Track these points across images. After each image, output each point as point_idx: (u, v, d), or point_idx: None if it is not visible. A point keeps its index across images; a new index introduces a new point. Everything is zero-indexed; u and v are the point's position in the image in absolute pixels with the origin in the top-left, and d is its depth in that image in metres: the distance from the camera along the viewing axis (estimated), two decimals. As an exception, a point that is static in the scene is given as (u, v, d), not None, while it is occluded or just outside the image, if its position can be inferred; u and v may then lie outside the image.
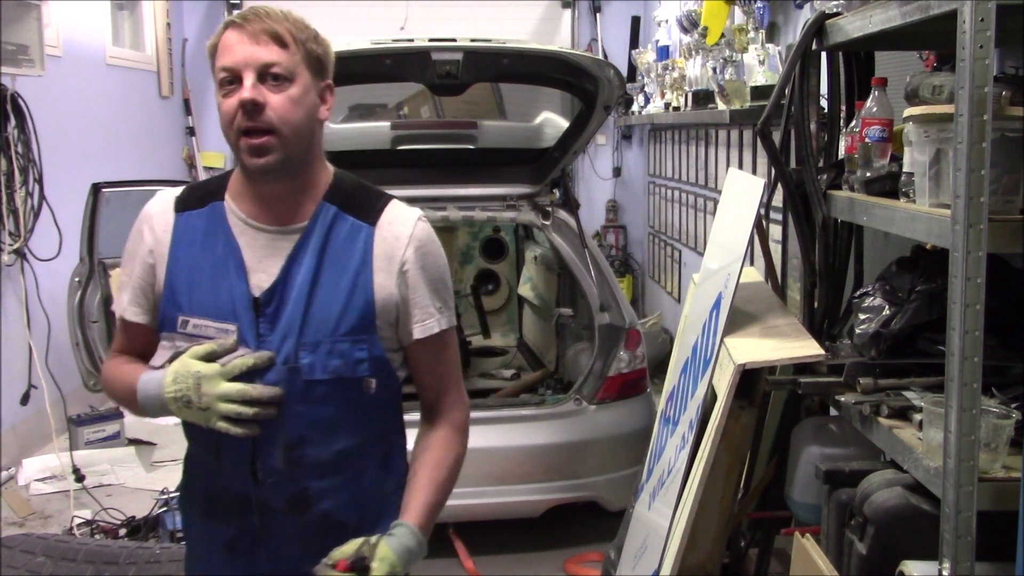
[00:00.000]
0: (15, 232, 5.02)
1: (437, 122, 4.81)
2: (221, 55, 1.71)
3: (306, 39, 1.73)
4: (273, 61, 1.68)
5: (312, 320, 1.74)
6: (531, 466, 4.05)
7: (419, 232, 1.79)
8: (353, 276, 1.76)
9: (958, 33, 1.72)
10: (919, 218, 1.98)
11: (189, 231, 1.79)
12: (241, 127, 1.68)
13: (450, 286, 1.87)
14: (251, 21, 1.70)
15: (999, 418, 1.84)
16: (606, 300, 4.26)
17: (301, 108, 1.71)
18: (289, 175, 1.74)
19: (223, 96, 1.70)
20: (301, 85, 1.71)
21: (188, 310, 1.76)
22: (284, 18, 1.73)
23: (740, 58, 4.48)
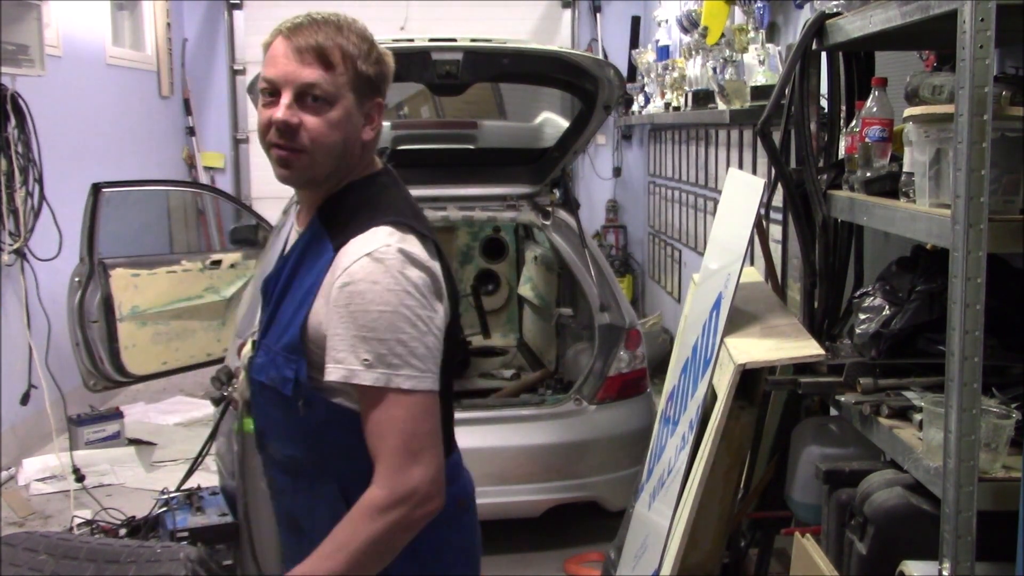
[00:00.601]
0: (15, 232, 5.02)
1: (437, 122, 4.81)
2: (266, 63, 1.69)
3: (357, 57, 1.68)
4: (313, 83, 1.64)
5: (275, 324, 1.74)
6: (531, 466, 4.05)
7: (356, 268, 1.60)
8: (304, 294, 1.69)
9: (958, 33, 1.72)
10: (919, 218, 1.98)
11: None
12: (272, 142, 1.68)
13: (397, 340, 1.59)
14: (301, 32, 1.66)
15: (999, 418, 1.84)
16: (606, 300, 4.26)
17: (338, 131, 1.67)
18: (312, 187, 1.75)
19: (262, 105, 1.69)
20: (342, 108, 1.67)
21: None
22: (338, 30, 1.67)
23: (740, 58, 4.48)
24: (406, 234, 1.65)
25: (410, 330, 1.59)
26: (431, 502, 1.62)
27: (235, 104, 8.29)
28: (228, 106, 8.33)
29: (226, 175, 8.33)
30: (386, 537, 1.60)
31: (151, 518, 4.05)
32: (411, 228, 1.67)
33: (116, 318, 5.01)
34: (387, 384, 1.59)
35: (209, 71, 8.27)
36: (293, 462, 1.79)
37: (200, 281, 5.43)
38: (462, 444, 2.06)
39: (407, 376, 1.59)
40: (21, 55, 5.03)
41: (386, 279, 1.59)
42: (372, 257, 1.60)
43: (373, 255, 1.60)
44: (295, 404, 1.68)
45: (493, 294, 6.27)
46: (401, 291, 1.59)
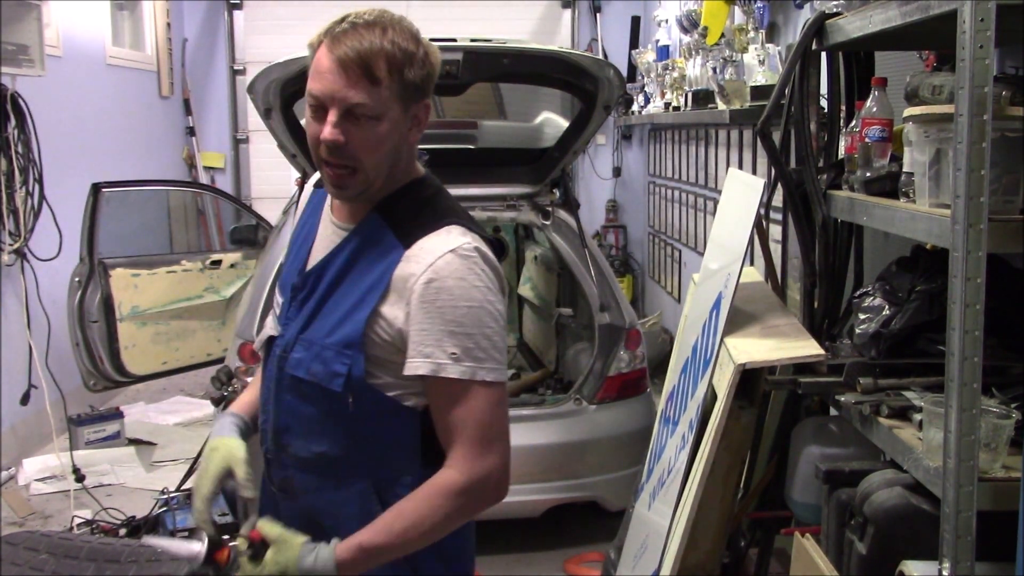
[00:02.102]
0: (15, 232, 5.02)
1: (437, 122, 4.81)
2: (313, 75, 1.65)
3: (403, 66, 1.64)
4: (360, 103, 1.61)
5: (320, 319, 1.73)
6: (531, 466, 4.04)
7: (441, 264, 1.64)
8: (364, 291, 1.69)
9: (958, 33, 1.72)
10: (919, 218, 1.98)
11: (310, 206, 1.90)
12: (323, 159, 1.68)
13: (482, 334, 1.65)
14: (346, 41, 1.61)
15: (999, 418, 1.84)
16: (606, 300, 4.26)
17: (387, 143, 1.67)
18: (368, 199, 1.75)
19: (311, 117, 1.67)
20: (389, 121, 1.65)
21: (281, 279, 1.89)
22: (383, 34, 1.63)
23: (740, 58, 4.48)
24: (475, 234, 1.71)
25: (493, 324, 1.66)
26: (500, 490, 1.73)
27: (235, 104, 8.29)
28: (228, 106, 8.33)
29: (226, 175, 8.32)
30: (454, 519, 1.69)
31: (151, 518, 4.05)
32: (475, 229, 1.73)
33: (116, 318, 5.01)
34: (472, 377, 1.65)
35: (209, 71, 8.27)
36: (322, 460, 1.76)
37: (200, 281, 5.43)
38: None
39: (490, 369, 1.66)
40: (21, 55, 5.03)
41: (471, 276, 1.65)
42: (457, 254, 1.65)
43: (458, 252, 1.65)
44: (342, 400, 1.69)
45: (493, 294, 6.26)
46: (484, 287, 1.65)
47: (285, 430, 1.79)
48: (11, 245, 5.01)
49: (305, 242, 1.84)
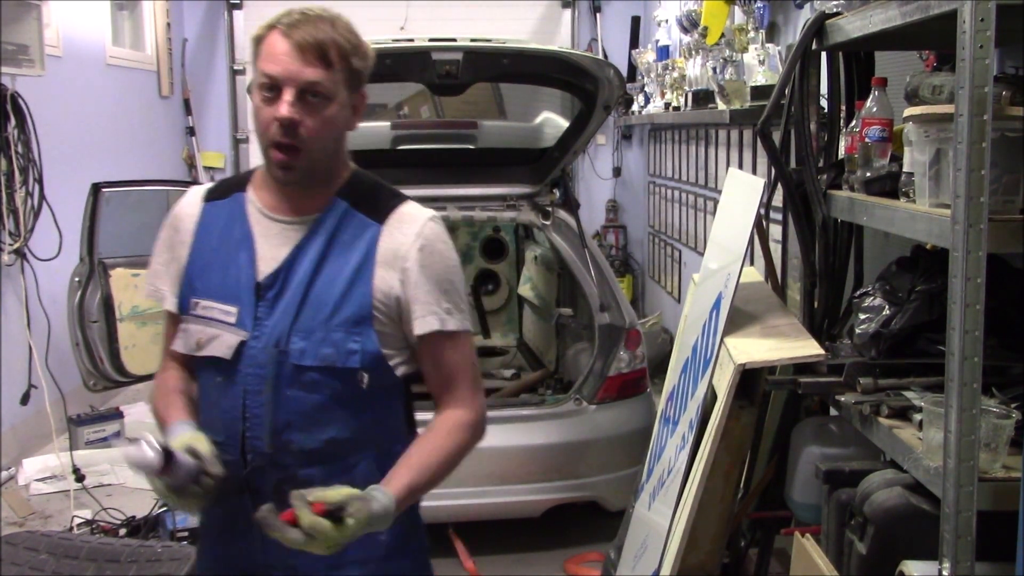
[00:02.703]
0: (15, 232, 5.02)
1: (437, 122, 4.81)
2: (265, 59, 1.73)
3: (350, 53, 1.75)
4: (315, 81, 1.71)
5: (309, 307, 1.78)
6: (531, 466, 4.04)
7: (427, 231, 1.81)
8: (355, 270, 1.79)
9: (958, 33, 1.72)
10: (919, 218, 1.98)
11: (212, 219, 1.86)
12: (274, 140, 1.73)
13: (462, 291, 1.86)
14: (299, 28, 1.71)
15: (999, 418, 1.84)
16: (606, 300, 4.26)
17: (334, 126, 1.77)
18: (304, 184, 1.81)
19: (262, 101, 1.73)
20: (338, 104, 1.75)
21: (200, 293, 1.83)
22: (332, 26, 1.74)
23: (740, 58, 4.48)
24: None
25: (462, 281, 1.89)
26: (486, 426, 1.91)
27: (235, 104, 8.29)
28: (228, 106, 8.33)
29: (226, 175, 8.32)
30: (467, 452, 1.86)
31: (151, 518, 4.05)
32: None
33: (116, 318, 5.00)
34: (464, 327, 1.85)
35: (209, 71, 8.27)
36: (330, 446, 1.80)
37: (200, 281, 5.42)
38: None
39: (468, 318, 1.88)
40: (21, 55, 5.03)
41: (448, 239, 1.86)
42: (434, 221, 1.84)
43: (434, 220, 1.84)
44: (356, 378, 1.78)
45: (493, 294, 6.27)
46: (453, 249, 1.87)
47: (286, 427, 1.78)
48: (11, 245, 5.01)
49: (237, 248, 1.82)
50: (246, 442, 1.79)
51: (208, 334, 1.81)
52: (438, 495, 1.92)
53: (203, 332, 1.82)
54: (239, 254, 1.82)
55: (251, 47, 1.78)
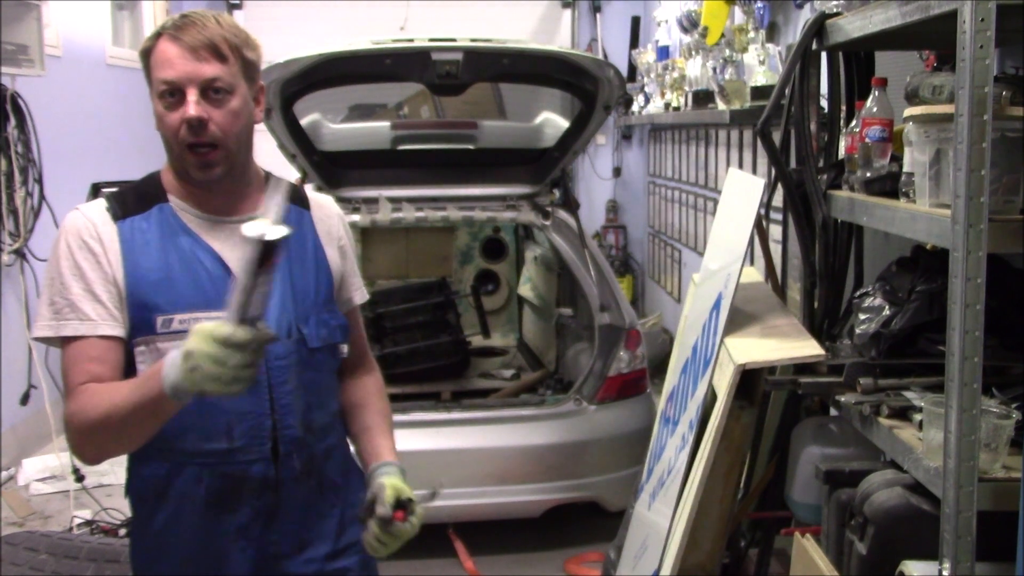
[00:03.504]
0: (15, 232, 5.02)
1: (437, 122, 4.82)
2: (160, 67, 1.73)
3: (240, 45, 1.77)
4: (215, 76, 1.72)
5: (299, 295, 1.87)
6: (531, 466, 4.04)
7: (340, 210, 2.05)
8: (312, 254, 1.92)
9: (958, 33, 1.72)
10: (919, 218, 1.98)
11: (139, 235, 1.79)
12: (186, 142, 1.74)
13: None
14: (187, 31, 1.73)
15: (999, 418, 1.84)
16: (606, 300, 4.26)
17: (241, 119, 1.78)
18: (233, 178, 1.82)
19: (164, 108, 1.74)
20: (240, 96, 1.77)
21: (168, 308, 1.76)
22: (219, 25, 1.76)
23: (740, 58, 4.48)
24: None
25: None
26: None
27: (235, 104, 8.28)
28: (228, 106, 8.32)
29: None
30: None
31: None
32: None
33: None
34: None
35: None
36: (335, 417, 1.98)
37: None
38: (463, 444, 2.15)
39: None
40: (21, 55, 5.03)
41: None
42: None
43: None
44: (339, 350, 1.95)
45: (493, 294, 6.27)
46: None
47: (308, 408, 1.88)
48: (11, 245, 5.01)
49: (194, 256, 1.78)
50: (278, 434, 1.83)
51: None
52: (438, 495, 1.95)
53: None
54: (201, 261, 1.79)
55: (141, 61, 1.79)
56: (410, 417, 4.05)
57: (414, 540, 1.85)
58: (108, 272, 1.76)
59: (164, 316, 1.76)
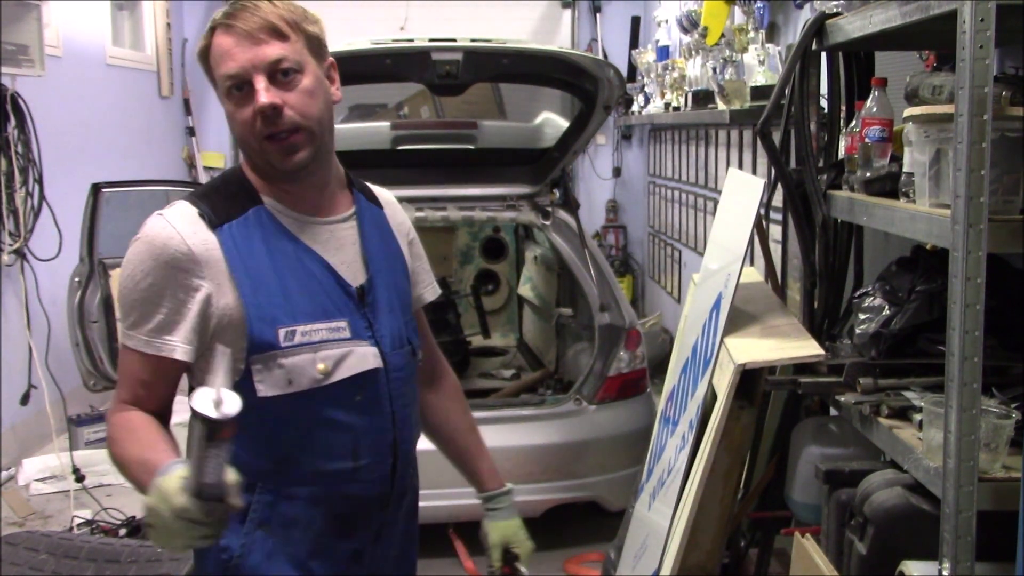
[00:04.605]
0: (15, 232, 5.03)
1: (437, 122, 4.81)
2: (221, 62, 1.61)
3: (301, 21, 1.64)
4: (280, 57, 1.59)
5: (401, 304, 1.80)
6: (531, 466, 4.04)
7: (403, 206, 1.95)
8: (394, 255, 1.83)
9: (958, 33, 1.72)
10: (919, 218, 1.98)
11: (244, 243, 1.63)
12: (263, 134, 1.60)
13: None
14: (240, 17, 1.60)
15: (999, 418, 1.84)
16: (606, 300, 4.26)
17: (318, 97, 1.64)
18: (321, 165, 1.69)
19: (235, 105, 1.61)
20: (312, 73, 1.63)
21: (288, 320, 1.62)
22: (272, 4, 1.63)
23: (740, 58, 4.48)
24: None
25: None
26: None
27: (235, 104, 8.28)
28: (228, 106, 8.32)
29: (226, 175, 8.31)
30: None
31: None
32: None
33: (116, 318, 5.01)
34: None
35: (209, 71, 8.26)
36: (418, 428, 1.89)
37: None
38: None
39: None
40: (21, 55, 5.03)
41: None
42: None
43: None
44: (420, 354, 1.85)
45: (493, 294, 6.28)
46: None
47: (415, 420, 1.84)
48: (11, 245, 5.01)
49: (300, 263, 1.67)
50: (397, 448, 1.74)
51: (332, 356, 1.64)
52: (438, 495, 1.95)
53: (323, 357, 1.63)
54: (309, 267, 1.66)
55: (200, 64, 1.67)
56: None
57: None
58: (207, 291, 1.59)
59: (286, 329, 1.61)
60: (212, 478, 1.33)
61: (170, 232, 1.61)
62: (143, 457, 1.53)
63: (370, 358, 1.69)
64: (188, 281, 1.59)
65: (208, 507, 1.33)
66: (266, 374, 1.61)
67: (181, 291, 1.59)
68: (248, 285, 1.60)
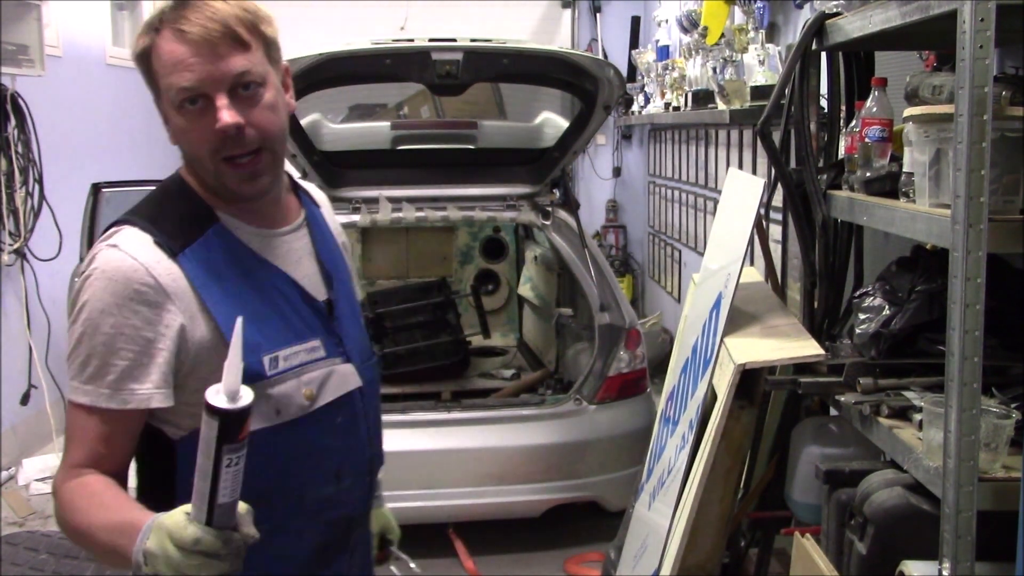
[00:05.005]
0: (15, 232, 5.03)
1: (437, 122, 4.82)
2: (172, 71, 1.42)
3: (259, 23, 1.47)
4: (243, 70, 1.42)
5: (355, 311, 1.70)
6: (531, 466, 4.05)
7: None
8: (341, 259, 1.72)
9: (958, 33, 1.72)
10: (919, 218, 1.98)
11: (208, 268, 1.47)
12: (222, 155, 1.45)
13: None
14: (192, 20, 1.40)
15: (999, 418, 1.84)
16: (606, 300, 4.26)
17: (280, 112, 1.49)
18: (278, 181, 1.57)
19: (187, 121, 1.44)
20: (272, 85, 1.48)
21: (269, 346, 1.49)
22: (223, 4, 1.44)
23: (740, 58, 4.48)
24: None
25: None
26: None
27: (235, 104, 8.27)
28: (228, 106, 8.31)
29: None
30: None
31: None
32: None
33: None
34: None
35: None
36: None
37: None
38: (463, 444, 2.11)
39: None
40: (21, 55, 5.03)
41: None
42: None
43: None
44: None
45: (493, 294, 6.28)
46: None
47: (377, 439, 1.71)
48: (11, 245, 5.01)
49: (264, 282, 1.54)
50: (373, 465, 1.69)
51: (315, 379, 1.54)
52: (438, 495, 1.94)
53: (307, 381, 1.53)
54: (276, 286, 1.54)
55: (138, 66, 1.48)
56: (410, 417, 4.05)
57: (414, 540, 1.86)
58: (175, 324, 1.43)
59: (270, 355, 1.48)
60: (227, 498, 1.18)
61: (131, 264, 1.42)
62: (116, 520, 1.33)
63: (350, 377, 1.60)
64: (157, 316, 1.42)
65: (225, 536, 1.19)
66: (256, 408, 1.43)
67: (149, 329, 1.42)
68: (223, 313, 1.44)
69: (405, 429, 3.99)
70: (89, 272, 1.44)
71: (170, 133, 1.50)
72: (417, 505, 3.82)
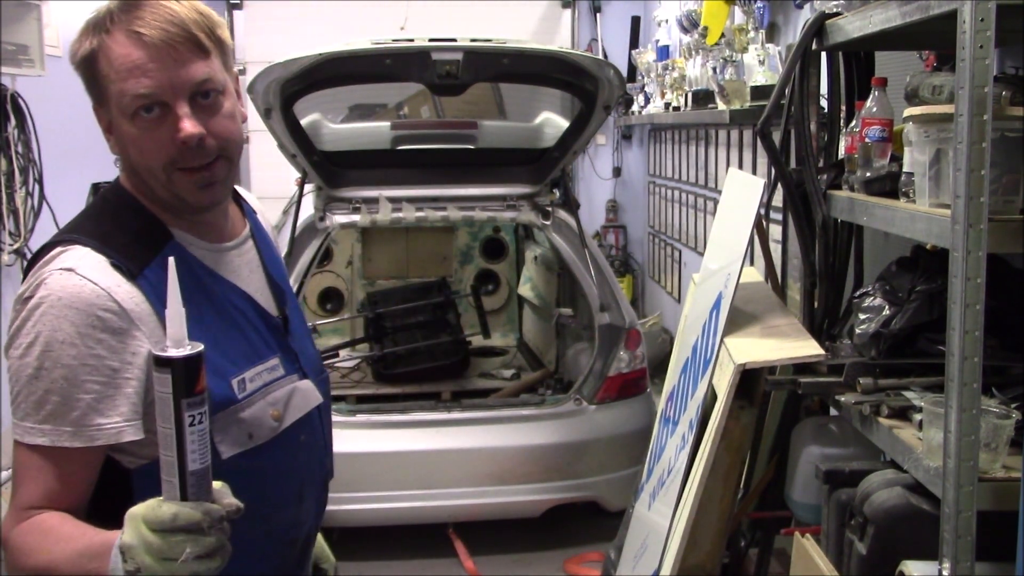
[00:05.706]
0: (15, 232, 5.02)
1: (437, 122, 4.82)
2: (127, 76, 1.35)
3: (214, 27, 1.41)
4: (205, 78, 1.36)
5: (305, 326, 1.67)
6: (531, 466, 4.05)
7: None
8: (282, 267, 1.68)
9: (958, 33, 1.72)
10: (919, 218, 1.98)
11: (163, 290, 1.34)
12: (182, 166, 1.38)
13: None
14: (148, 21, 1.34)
15: (999, 418, 1.84)
16: (606, 300, 4.27)
17: (237, 120, 1.44)
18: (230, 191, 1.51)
19: (141, 129, 1.36)
20: (230, 94, 1.43)
21: (234, 368, 1.43)
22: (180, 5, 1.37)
23: (740, 58, 4.48)
24: None
25: None
26: None
27: (235, 104, 8.28)
28: (228, 106, 8.31)
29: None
30: None
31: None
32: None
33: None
34: None
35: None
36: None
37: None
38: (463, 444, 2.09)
39: None
40: (21, 55, 5.03)
41: None
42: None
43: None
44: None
45: (493, 294, 6.28)
46: None
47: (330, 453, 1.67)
48: (11, 245, 5.01)
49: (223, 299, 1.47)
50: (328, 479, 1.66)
51: (280, 399, 1.49)
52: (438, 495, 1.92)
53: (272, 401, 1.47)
54: (234, 304, 1.48)
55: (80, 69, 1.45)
56: (410, 417, 4.05)
57: (414, 540, 1.85)
58: (142, 350, 1.33)
59: (238, 378, 1.42)
60: (197, 464, 1.10)
61: (91, 289, 1.31)
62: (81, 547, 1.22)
63: (311, 394, 1.55)
64: (122, 344, 1.31)
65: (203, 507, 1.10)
66: (224, 433, 1.38)
67: (114, 358, 1.31)
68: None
69: (405, 429, 3.99)
70: (40, 300, 1.31)
71: (112, 142, 1.43)
72: (417, 505, 3.83)
